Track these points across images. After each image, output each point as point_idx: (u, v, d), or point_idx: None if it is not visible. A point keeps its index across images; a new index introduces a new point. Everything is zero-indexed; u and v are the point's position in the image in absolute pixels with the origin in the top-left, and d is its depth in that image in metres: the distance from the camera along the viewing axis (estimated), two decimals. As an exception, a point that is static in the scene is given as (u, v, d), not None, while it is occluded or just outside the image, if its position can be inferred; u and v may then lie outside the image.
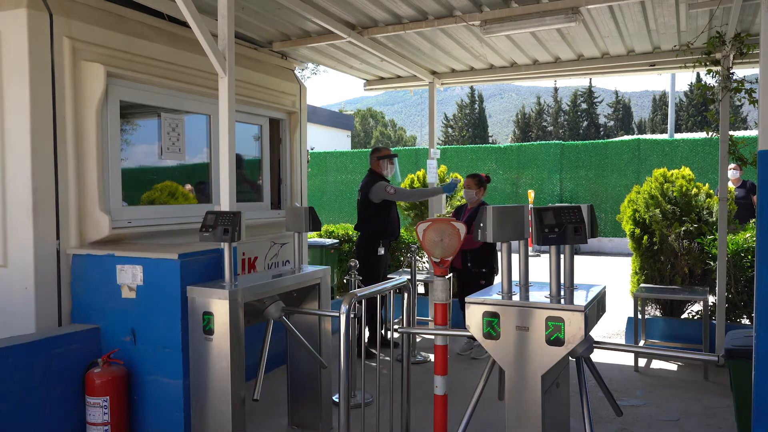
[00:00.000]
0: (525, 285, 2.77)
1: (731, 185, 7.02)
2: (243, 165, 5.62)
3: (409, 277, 5.43)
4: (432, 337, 4.15)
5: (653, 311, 6.16)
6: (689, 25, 5.30)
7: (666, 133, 25.08)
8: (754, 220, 5.17)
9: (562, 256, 2.63)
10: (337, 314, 2.97)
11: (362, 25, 5.45)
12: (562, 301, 2.46)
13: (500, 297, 2.58)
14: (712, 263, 5.75)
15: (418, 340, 6.10)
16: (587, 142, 17.26)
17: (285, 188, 6.04)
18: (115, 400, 3.46)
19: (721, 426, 4.07)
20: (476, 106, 48.65)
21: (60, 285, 3.74)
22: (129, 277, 3.58)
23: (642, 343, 5.74)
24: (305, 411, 4.02)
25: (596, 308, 2.62)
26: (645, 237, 6.15)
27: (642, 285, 5.98)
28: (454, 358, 5.63)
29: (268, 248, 5.63)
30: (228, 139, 3.66)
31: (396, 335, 6.21)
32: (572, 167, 16.84)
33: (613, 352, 5.48)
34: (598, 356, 5.21)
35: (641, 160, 15.96)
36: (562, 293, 2.59)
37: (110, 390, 3.44)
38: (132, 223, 4.21)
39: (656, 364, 5.48)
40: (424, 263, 7.62)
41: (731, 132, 5.33)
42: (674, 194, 6.09)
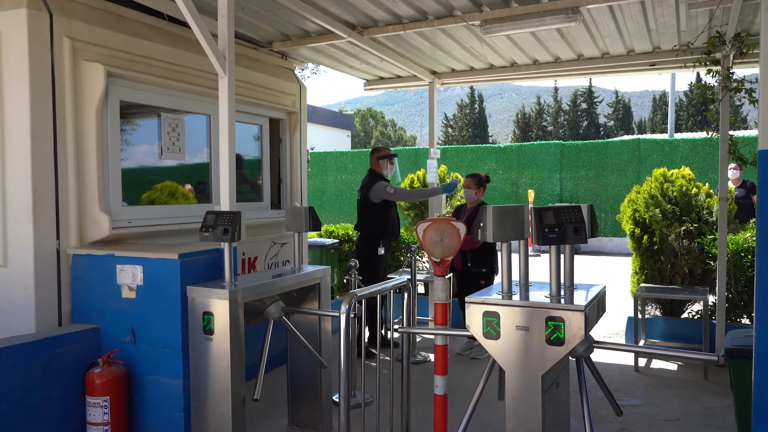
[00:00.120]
0: (525, 285, 2.77)
1: (731, 185, 7.02)
2: (243, 165, 5.62)
3: (409, 277, 5.43)
4: (432, 337, 4.15)
5: (653, 311, 6.16)
6: (689, 25, 5.30)
7: (666, 133, 25.06)
8: (754, 220, 5.17)
9: (562, 256, 2.63)
10: (337, 314, 2.97)
11: (362, 25, 5.45)
12: (562, 301, 2.46)
13: (500, 297, 2.58)
14: (712, 263, 5.75)
15: (418, 340, 6.10)
16: (587, 142, 17.27)
17: (285, 188, 6.04)
18: (115, 400, 3.47)
19: (721, 426, 4.07)
20: (476, 106, 48.65)
21: (60, 285, 3.74)
22: (129, 277, 3.58)
23: (642, 343, 5.74)
24: (305, 411, 4.02)
25: (596, 308, 2.62)
26: (645, 237, 6.15)
27: (642, 285, 5.98)
28: (454, 358, 5.63)
29: (268, 248, 5.63)
30: (228, 139, 3.66)
31: (396, 335, 6.21)
32: (572, 167, 16.84)
33: (613, 352, 5.48)
34: (598, 356, 5.21)
35: (641, 160, 15.97)
36: (562, 293, 2.59)
37: (110, 390, 3.45)
38: (132, 223, 4.21)
39: (656, 364, 5.49)
40: (424, 263, 7.62)
41: (731, 132, 5.33)
42: (674, 194, 6.09)
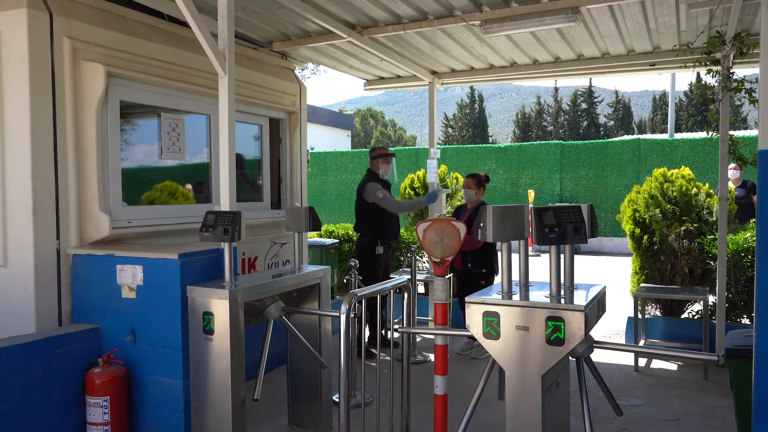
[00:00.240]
0: (525, 285, 2.77)
1: (731, 185, 7.02)
2: (244, 165, 5.62)
3: (409, 277, 5.43)
4: (432, 337, 4.15)
5: (653, 311, 6.16)
6: (689, 25, 5.30)
7: (666, 133, 25.07)
8: (754, 220, 5.17)
9: (562, 256, 2.63)
10: (337, 314, 2.97)
11: (362, 25, 5.45)
12: (562, 301, 2.46)
13: (500, 297, 2.58)
14: (712, 263, 5.75)
15: (418, 340, 6.10)
16: (587, 142, 17.27)
17: (285, 188, 6.04)
18: (115, 400, 3.47)
19: (721, 426, 4.07)
20: (476, 106, 48.65)
21: (60, 285, 3.74)
22: (129, 277, 3.58)
23: (642, 343, 5.74)
24: (305, 411, 4.02)
25: (596, 308, 2.62)
26: (645, 237, 6.15)
27: (642, 285, 5.98)
28: (454, 358, 5.63)
29: (268, 248, 5.63)
30: (228, 139, 3.66)
31: (396, 335, 6.21)
32: (572, 167, 16.84)
33: (613, 352, 5.48)
34: (598, 356, 5.21)
35: (641, 160, 15.96)
36: (562, 293, 2.59)
37: (110, 390, 3.45)
38: (132, 223, 4.21)
39: (656, 364, 5.49)
40: (424, 263, 7.62)
41: (731, 132, 5.33)
42: (674, 194, 6.09)
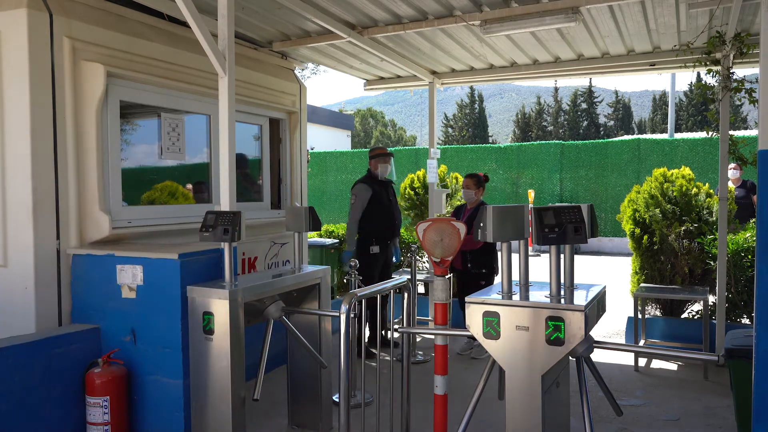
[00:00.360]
0: (525, 285, 2.77)
1: (731, 185, 7.02)
2: (246, 165, 5.62)
3: (409, 277, 5.43)
4: (432, 337, 4.14)
5: (653, 311, 6.16)
6: (689, 25, 5.30)
7: (666, 133, 25.07)
8: (754, 220, 5.17)
9: (562, 256, 2.63)
10: (337, 314, 2.97)
11: (362, 25, 5.45)
12: (562, 301, 2.46)
13: (500, 297, 2.58)
14: (712, 263, 5.75)
15: (418, 340, 6.10)
16: (587, 142, 17.27)
17: (285, 188, 6.04)
18: (115, 400, 3.47)
19: (721, 426, 4.07)
20: (476, 106, 48.65)
21: (60, 285, 3.74)
22: (129, 277, 3.58)
23: (642, 343, 5.74)
24: (305, 411, 4.02)
25: (596, 308, 2.62)
26: (645, 237, 6.15)
27: (642, 285, 5.98)
28: (454, 358, 5.63)
29: (268, 248, 5.63)
30: (228, 139, 3.66)
31: (396, 335, 6.21)
32: (572, 167, 16.84)
33: (613, 352, 5.48)
34: (598, 356, 5.21)
35: (641, 160, 15.97)
36: (562, 293, 2.59)
37: (110, 390, 3.44)
38: (132, 223, 4.21)
39: (656, 364, 5.48)
40: (424, 263, 7.62)
41: (731, 132, 5.33)
42: (674, 194, 6.09)
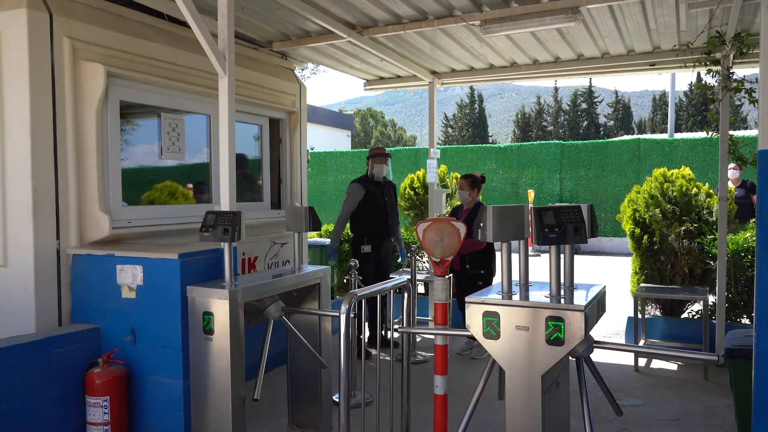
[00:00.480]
0: (525, 285, 2.77)
1: (731, 185, 7.01)
2: (246, 165, 5.62)
3: (409, 277, 5.43)
4: (432, 337, 4.14)
5: (653, 311, 6.16)
6: (689, 25, 5.30)
7: (666, 133, 25.07)
8: (754, 220, 5.16)
9: (562, 256, 2.63)
10: (337, 314, 2.97)
11: (362, 25, 5.45)
12: (562, 301, 2.46)
13: (500, 297, 2.58)
14: (712, 263, 5.75)
15: (418, 340, 6.10)
16: (587, 142, 17.27)
17: (285, 188, 6.04)
18: (115, 400, 3.47)
19: (721, 426, 4.07)
20: (476, 106, 48.65)
21: (60, 285, 3.74)
22: (129, 277, 3.58)
23: (642, 343, 5.74)
24: (305, 411, 4.02)
25: (596, 308, 2.62)
26: (645, 237, 6.15)
27: (642, 285, 5.98)
28: (454, 358, 5.63)
29: (268, 248, 5.63)
30: (228, 139, 3.66)
31: (396, 335, 6.21)
32: (572, 167, 16.84)
33: (613, 352, 5.48)
34: (598, 356, 5.21)
35: (641, 160, 15.96)
36: (562, 293, 2.59)
37: (110, 390, 3.44)
38: (132, 223, 4.21)
39: (656, 364, 5.48)
40: (424, 263, 7.62)
41: (731, 132, 5.33)
42: (674, 194, 6.09)
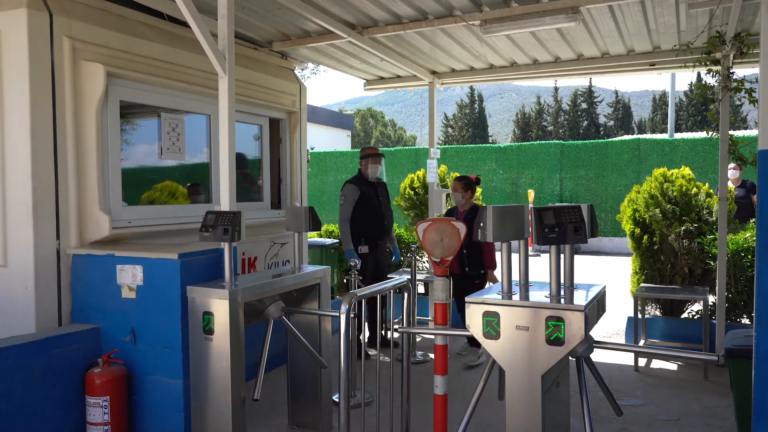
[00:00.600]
0: (525, 285, 2.77)
1: (731, 185, 7.01)
2: (246, 165, 5.61)
3: (409, 277, 5.43)
4: (432, 337, 4.14)
5: (653, 311, 6.16)
6: (689, 25, 5.30)
7: (666, 133, 25.07)
8: (754, 220, 5.17)
9: (562, 256, 2.63)
10: (337, 314, 2.97)
11: (362, 25, 5.44)
12: (562, 301, 2.46)
13: (500, 297, 2.58)
14: (712, 263, 5.75)
15: (418, 340, 6.10)
16: (587, 142, 17.26)
17: (285, 188, 6.04)
18: (115, 400, 3.47)
19: (721, 426, 4.07)
20: (476, 106, 48.64)
21: (60, 285, 3.74)
22: (129, 277, 3.58)
23: (642, 343, 5.74)
24: (305, 411, 4.02)
25: (596, 308, 2.62)
26: (645, 237, 6.15)
27: (642, 285, 5.98)
28: (454, 358, 5.63)
29: (268, 248, 5.63)
30: (228, 139, 3.66)
31: (396, 335, 6.21)
32: (572, 167, 16.84)
33: (613, 352, 5.48)
34: (598, 356, 5.21)
35: (641, 160, 15.96)
36: (562, 293, 2.59)
37: (110, 390, 3.45)
38: (132, 223, 4.21)
39: (656, 364, 5.48)
40: (424, 263, 7.62)
41: (731, 132, 5.33)
42: (674, 194, 6.09)
